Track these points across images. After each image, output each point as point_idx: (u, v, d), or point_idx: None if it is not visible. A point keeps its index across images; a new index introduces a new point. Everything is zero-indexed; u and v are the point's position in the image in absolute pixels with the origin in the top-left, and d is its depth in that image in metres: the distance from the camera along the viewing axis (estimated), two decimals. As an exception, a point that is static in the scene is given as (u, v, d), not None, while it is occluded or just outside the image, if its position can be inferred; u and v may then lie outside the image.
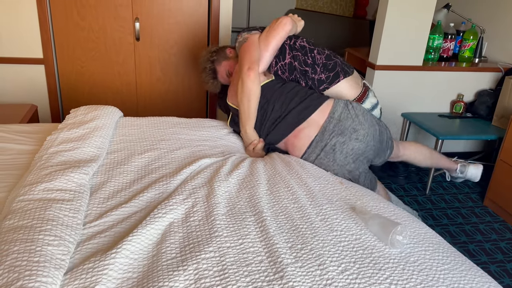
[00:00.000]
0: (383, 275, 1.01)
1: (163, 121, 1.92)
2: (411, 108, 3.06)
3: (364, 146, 1.69)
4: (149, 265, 1.01)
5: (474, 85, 3.09)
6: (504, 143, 2.49)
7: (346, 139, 1.66)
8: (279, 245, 1.08)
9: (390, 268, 1.04)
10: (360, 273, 1.01)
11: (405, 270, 1.04)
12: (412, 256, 1.10)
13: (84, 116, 1.75)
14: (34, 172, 1.31)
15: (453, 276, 1.04)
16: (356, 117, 1.70)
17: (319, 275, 0.99)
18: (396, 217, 1.27)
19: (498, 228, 2.43)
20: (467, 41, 3.06)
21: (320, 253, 1.07)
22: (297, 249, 1.08)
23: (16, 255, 0.94)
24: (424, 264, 1.07)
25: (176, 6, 2.53)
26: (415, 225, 1.24)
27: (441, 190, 2.83)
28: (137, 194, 1.30)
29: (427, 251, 1.12)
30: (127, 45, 2.56)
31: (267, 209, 1.24)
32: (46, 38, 2.42)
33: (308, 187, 1.38)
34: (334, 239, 1.13)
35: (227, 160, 1.56)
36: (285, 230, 1.15)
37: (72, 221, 1.10)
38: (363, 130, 1.69)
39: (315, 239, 1.12)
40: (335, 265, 1.03)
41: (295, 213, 1.23)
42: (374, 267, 1.04)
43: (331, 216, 1.22)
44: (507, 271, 2.07)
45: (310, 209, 1.25)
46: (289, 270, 0.99)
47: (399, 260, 1.07)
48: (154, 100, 2.74)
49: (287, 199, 1.31)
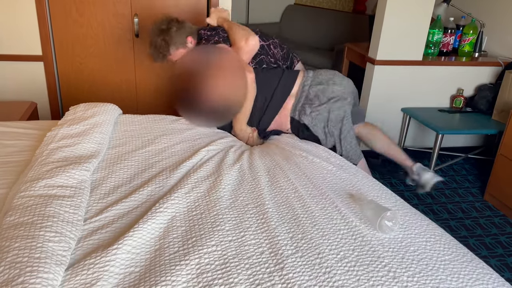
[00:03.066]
0: (382, 262, 1.02)
1: (163, 118, 1.92)
2: (411, 103, 3.05)
3: (342, 88, 1.92)
4: (151, 259, 1.01)
5: (474, 79, 3.08)
6: (504, 137, 2.49)
7: (325, 86, 1.90)
8: (280, 236, 1.09)
9: (389, 256, 1.05)
10: (359, 260, 1.02)
11: (404, 259, 1.04)
12: (412, 246, 1.10)
13: (84, 113, 1.75)
14: (35, 168, 1.30)
15: (454, 267, 1.04)
16: (328, 72, 1.99)
17: (318, 264, 1.00)
18: (398, 209, 1.27)
19: (498, 222, 2.44)
20: (467, 35, 3.05)
21: (319, 242, 1.08)
22: (297, 239, 1.09)
23: (17, 251, 0.94)
24: (424, 254, 1.07)
25: (174, 2, 2.52)
26: (417, 217, 1.25)
27: (441, 185, 2.83)
28: (138, 188, 1.31)
29: (428, 242, 1.13)
30: (126, 41, 2.55)
31: (269, 200, 1.25)
32: (45, 35, 2.41)
33: (308, 177, 1.40)
34: (334, 228, 1.14)
35: (227, 153, 1.56)
36: (286, 220, 1.16)
37: (72, 217, 1.10)
38: (338, 78, 1.95)
39: (315, 228, 1.13)
40: (334, 254, 1.04)
41: (295, 203, 1.24)
42: (373, 255, 1.04)
43: (331, 205, 1.24)
44: (508, 265, 2.08)
45: (309, 199, 1.27)
46: (289, 260, 1.01)
47: (399, 249, 1.08)
48: (153, 97, 2.74)
49: (288, 189, 1.32)
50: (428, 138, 3.23)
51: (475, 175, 3.02)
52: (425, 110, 2.99)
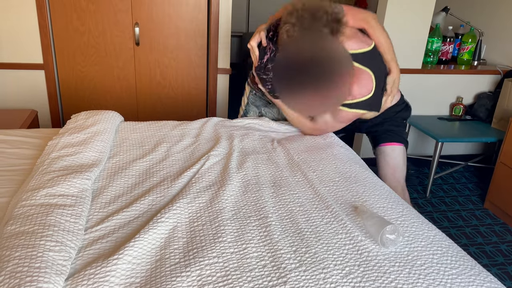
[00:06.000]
0: (388, 278, 1.01)
1: (164, 125, 1.92)
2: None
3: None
4: (152, 270, 1.01)
5: (473, 87, 3.10)
6: (503, 145, 2.49)
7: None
8: (283, 249, 1.08)
9: (395, 271, 1.03)
10: (365, 276, 1.01)
11: (411, 274, 1.03)
12: (419, 259, 1.09)
13: (85, 121, 1.75)
14: (36, 177, 1.30)
15: (461, 281, 1.02)
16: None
17: (323, 279, 0.99)
18: (404, 219, 1.26)
19: (499, 230, 2.43)
20: (466, 44, 3.07)
21: (324, 256, 1.06)
22: (301, 253, 1.07)
23: (17, 261, 0.94)
24: (431, 268, 1.06)
25: (175, 11, 2.54)
26: (423, 227, 1.23)
27: (442, 193, 2.83)
28: (139, 198, 1.30)
29: (435, 255, 1.11)
30: (127, 50, 2.56)
31: (272, 213, 1.24)
32: (46, 43, 2.43)
33: (314, 189, 1.38)
34: (339, 242, 1.12)
35: (230, 159, 1.55)
36: (289, 234, 1.15)
37: (73, 227, 1.10)
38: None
39: (319, 243, 1.12)
40: (339, 269, 1.02)
41: (300, 217, 1.23)
42: (379, 270, 1.03)
43: (336, 219, 1.22)
44: (508, 273, 2.07)
45: (315, 213, 1.25)
46: (292, 274, 0.99)
47: (405, 264, 1.06)
48: (154, 105, 2.75)
49: (293, 202, 1.31)
50: (428, 146, 3.24)
51: (475, 183, 3.02)
52: (424, 118, 3.00)
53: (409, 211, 1.31)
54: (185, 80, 2.72)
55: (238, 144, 1.72)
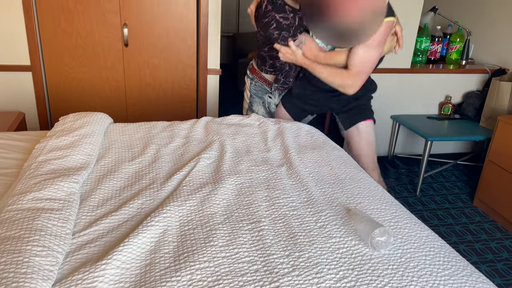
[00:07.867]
0: (382, 281, 1.00)
1: (153, 126, 1.91)
2: (400, 110, 3.08)
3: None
4: (141, 274, 0.99)
5: (462, 86, 3.13)
6: (492, 144, 2.52)
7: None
8: (276, 254, 1.07)
9: (389, 274, 1.03)
10: (358, 280, 1.00)
11: (404, 276, 1.03)
12: (412, 261, 1.09)
13: (73, 123, 1.73)
14: (23, 181, 1.28)
15: (454, 282, 1.03)
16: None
17: (316, 284, 0.98)
18: (397, 220, 1.26)
19: (488, 228, 2.46)
20: (454, 43, 3.10)
21: (317, 261, 1.05)
22: (294, 257, 1.06)
23: (3, 266, 0.92)
24: (424, 270, 1.06)
25: (164, 11, 2.52)
26: (416, 227, 1.23)
27: (431, 191, 2.85)
28: (128, 201, 1.29)
29: (427, 256, 1.11)
30: (116, 51, 2.54)
31: (265, 218, 1.22)
32: (33, 45, 2.39)
33: (308, 192, 1.37)
34: (333, 246, 1.12)
35: (222, 161, 1.53)
36: (283, 238, 1.14)
37: (61, 231, 1.08)
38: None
39: (313, 247, 1.11)
40: (333, 273, 1.02)
41: (293, 221, 1.22)
42: (373, 274, 1.03)
43: (330, 223, 1.22)
44: (498, 270, 2.09)
45: (309, 217, 1.24)
46: (285, 279, 0.98)
47: (398, 266, 1.06)
48: (143, 106, 2.72)
49: (286, 206, 1.29)
50: (418, 145, 3.26)
51: (464, 181, 3.05)
52: (414, 117, 3.02)
53: (402, 211, 1.32)
54: (175, 80, 2.70)
55: (230, 144, 1.71)
